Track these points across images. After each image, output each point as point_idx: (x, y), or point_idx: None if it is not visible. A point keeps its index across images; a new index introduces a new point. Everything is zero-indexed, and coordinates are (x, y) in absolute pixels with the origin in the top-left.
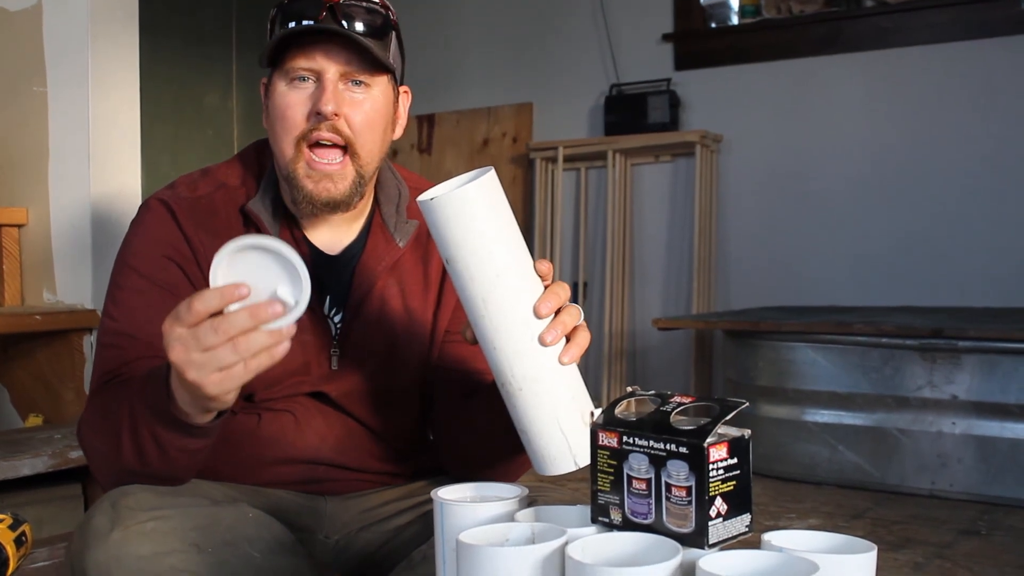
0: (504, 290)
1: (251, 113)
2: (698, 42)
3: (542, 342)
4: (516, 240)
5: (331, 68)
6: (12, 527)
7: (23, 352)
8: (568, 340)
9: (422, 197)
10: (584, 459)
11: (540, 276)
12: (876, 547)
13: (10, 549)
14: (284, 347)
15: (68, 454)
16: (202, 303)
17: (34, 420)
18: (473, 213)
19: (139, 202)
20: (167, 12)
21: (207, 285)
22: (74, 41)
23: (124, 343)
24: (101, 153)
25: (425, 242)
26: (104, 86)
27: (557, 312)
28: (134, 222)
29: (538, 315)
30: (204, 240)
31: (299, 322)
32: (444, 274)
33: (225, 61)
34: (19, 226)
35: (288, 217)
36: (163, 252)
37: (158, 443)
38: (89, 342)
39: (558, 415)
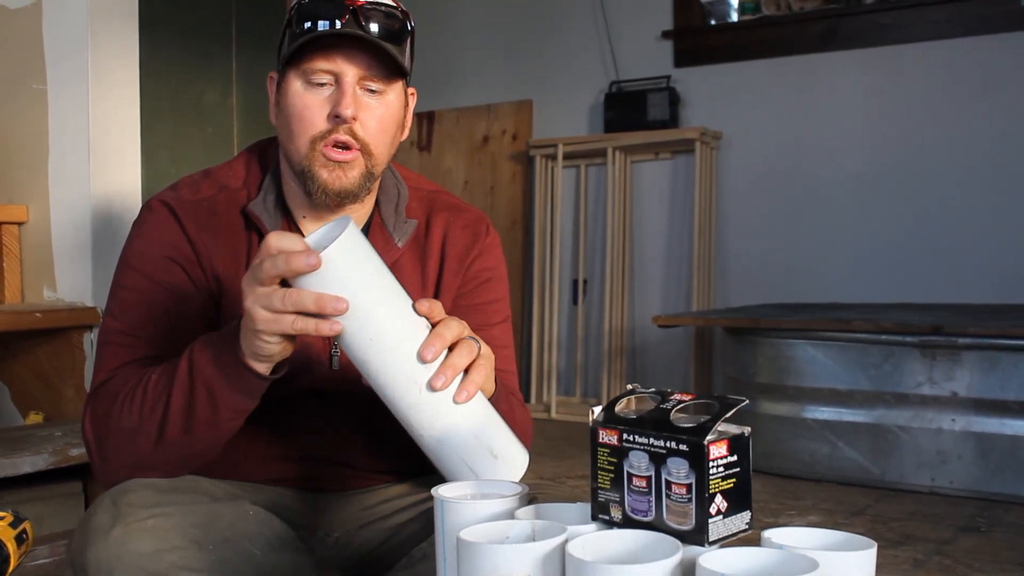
0: (380, 352)
1: (251, 110)
2: (698, 39)
3: (431, 387)
4: (385, 294)
5: (350, 72)
6: (13, 524)
7: (23, 349)
8: (467, 372)
9: None
10: None
11: (422, 316)
12: (876, 544)
13: (11, 546)
14: (330, 327)
15: (68, 452)
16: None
17: (34, 418)
18: (332, 281)
19: (139, 199)
20: (166, 9)
21: (209, 286)
22: (74, 39)
23: (127, 342)
24: (101, 150)
25: (423, 242)
26: (104, 83)
27: (453, 346)
28: (137, 223)
29: (423, 361)
30: (207, 241)
31: None
32: (441, 274)
33: (225, 58)
34: (19, 223)
35: (289, 218)
36: (166, 253)
37: (212, 401)
38: (89, 339)
39: (464, 457)
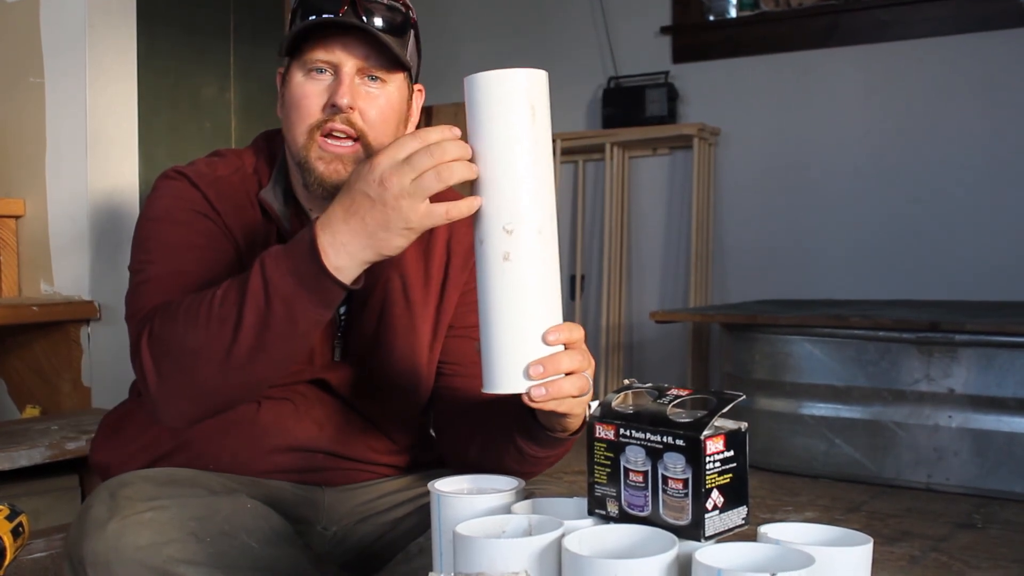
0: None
1: (249, 105)
2: (696, 35)
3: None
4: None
5: (349, 62)
6: (9, 518)
7: (20, 343)
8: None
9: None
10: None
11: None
12: (872, 540)
13: (7, 540)
14: (464, 170)
15: (65, 445)
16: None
17: (31, 411)
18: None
19: (137, 193)
20: (165, 3)
21: (240, 246)
22: (71, 32)
23: (175, 279)
24: (99, 144)
25: (427, 237)
26: (102, 78)
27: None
28: (155, 189)
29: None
30: (227, 211)
31: None
32: (447, 269)
33: (223, 53)
34: (16, 217)
35: (299, 208)
36: (194, 208)
37: (290, 314)
38: (87, 333)
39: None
